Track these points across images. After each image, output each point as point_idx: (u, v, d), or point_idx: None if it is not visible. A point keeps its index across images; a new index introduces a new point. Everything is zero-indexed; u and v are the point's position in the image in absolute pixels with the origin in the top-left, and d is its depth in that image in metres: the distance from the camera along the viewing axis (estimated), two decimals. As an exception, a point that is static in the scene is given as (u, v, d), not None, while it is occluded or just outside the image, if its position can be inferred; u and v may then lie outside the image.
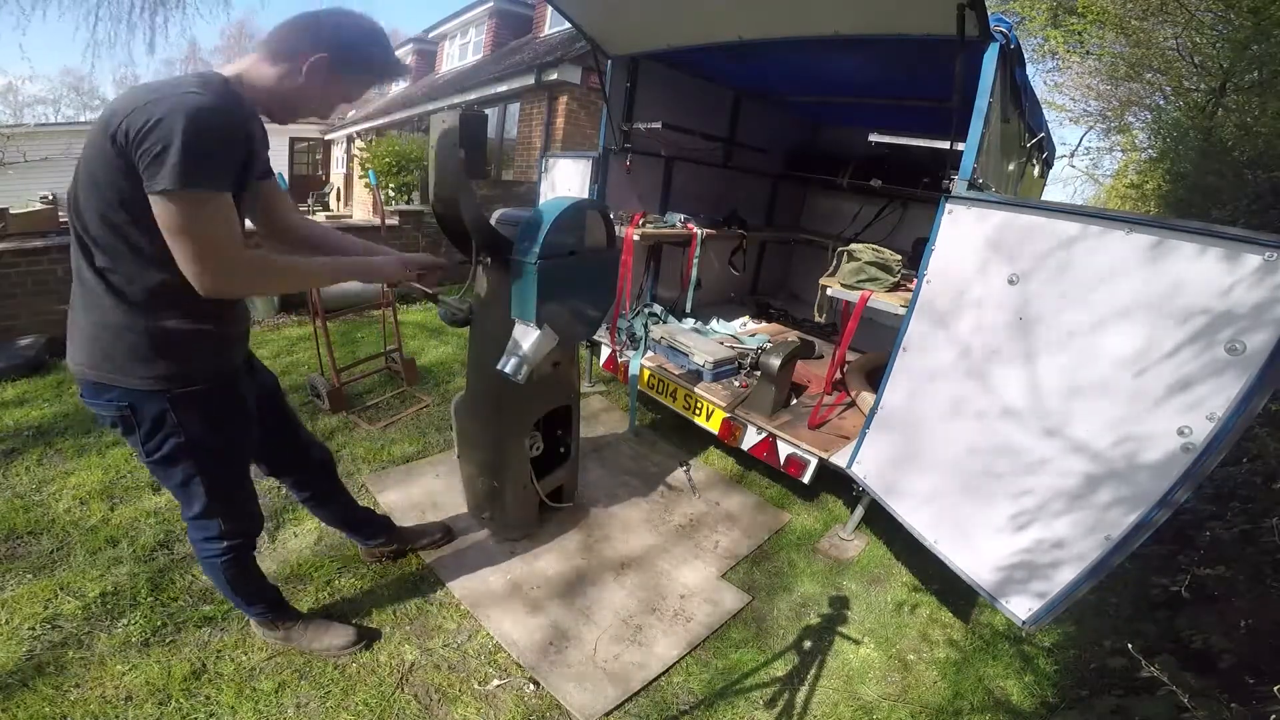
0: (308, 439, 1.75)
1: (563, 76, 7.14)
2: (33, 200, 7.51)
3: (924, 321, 1.99)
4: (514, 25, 11.81)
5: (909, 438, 2.06)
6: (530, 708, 1.66)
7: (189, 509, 1.41)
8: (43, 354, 3.55)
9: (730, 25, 2.56)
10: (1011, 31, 1.97)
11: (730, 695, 1.78)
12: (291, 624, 1.73)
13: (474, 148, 1.62)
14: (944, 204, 1.90)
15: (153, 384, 1.20)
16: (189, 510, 1.41)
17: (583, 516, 2.50)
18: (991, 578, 1.77)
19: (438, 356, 4.13)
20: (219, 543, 1.46)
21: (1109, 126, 8.74)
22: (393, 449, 2.85)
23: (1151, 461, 1.39)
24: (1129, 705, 1.60)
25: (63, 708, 1.50)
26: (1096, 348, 1.50)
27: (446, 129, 1.58)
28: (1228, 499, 2.23)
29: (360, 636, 1.77)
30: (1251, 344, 1.23)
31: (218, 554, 1.48)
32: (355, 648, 1.75)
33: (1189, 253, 1.33)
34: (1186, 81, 6.72)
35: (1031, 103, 2.85)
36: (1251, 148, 4.79)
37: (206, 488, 1.36)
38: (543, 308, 1.76)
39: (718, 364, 2.94)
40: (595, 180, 3.41)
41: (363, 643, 1.77)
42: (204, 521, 1.43)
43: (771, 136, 4.40)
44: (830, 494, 2.89)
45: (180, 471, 1.33)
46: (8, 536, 2.06)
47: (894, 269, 2.46)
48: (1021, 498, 1.69)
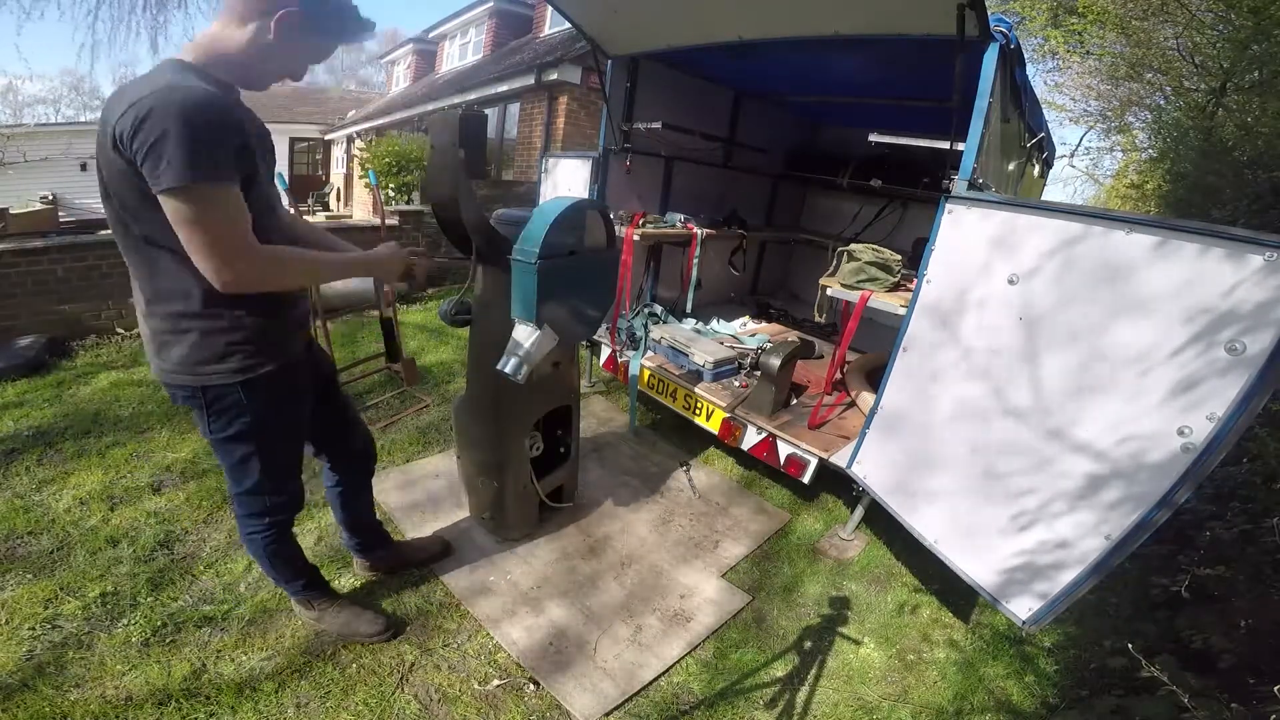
0: (354, 419, 1.81)
1: (563, 76, 7.13)
2: (33, 200, 7.51)
3: (924, 322, 1.99)
4: (514, 25, 11.80)
5: (909, 438, 2.06)
6: (530, 708, 1.66)
7: (239, 485, 1.46)
8: (43, 354, 3.55)
9: (730, 25, 2.56)
10: (1011, 31, 1.97)
11: (731, 695, 1.78)
12: (327, 605, 1.77)
13: (474, 147, 1.62)
14: (944, 204, 1.90)
15: (224, 378, 1.26)
16: (238, 486, 1.46)
17: (583, 517, 2.50)
18: (991, 578, 1.77)
19: (438, 357, 4.13)
20: (262, 519, 1.52)
21: (1109, 126, 8.72)
22: (393, 449, 2.85)
23: (1151, 461, 1.39)
24: (1129, 705, 1.60)
25: (63, 708, 1.50)
26: (1096, 348, 1.50)
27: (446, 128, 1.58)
28: (1228, 499, 2.23)
29: (389, 626, 1.80)
30: (1252, 344, 1.23)
31: (260, 530, 1.53)
32: (383, 636, 1.78)
33: (1189, 253, 1.33)
34: (1186, 81, 6.72)
35: (1031, 103, 2.85)
36: (1251, 148, 4.78)
37: (261, 466, 1.41)
38: (543, 308, 1.76)
39: (718, 364, 2.93)
40: (595, 180, 3.41)
41: (390, 632, 1.80)
42: (251, 498, 1.48)
43: (771, 136, 4.40)
44: (830, 494, 2.89)
45: (240, 449, 1.38)
46: (8, 537, 2.07)
47: (894, 269, 2.46)
48: (1021, 497, 1.69)
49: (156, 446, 2.72)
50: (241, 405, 1.30)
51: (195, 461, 2.62)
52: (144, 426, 2.88)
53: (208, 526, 2.21)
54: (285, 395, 1.39)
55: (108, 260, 4.02)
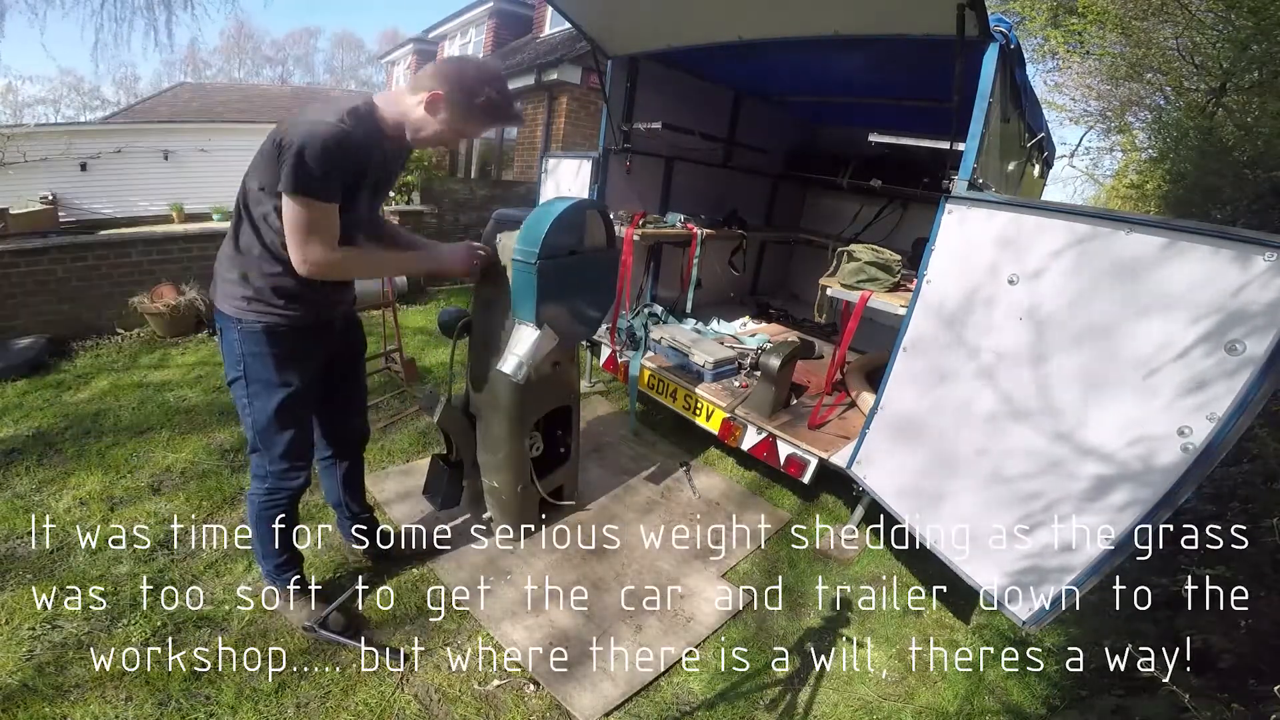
0: (360, 407, 1.93)
1: (563, 76, 7.14)
2: (32, 200, 7.49)
3: (924, 322, 1.99)
4: (514, 25, 11.80)
5: (910, 438, 2.06)
6: (530, 708, 1.66)
7: (249, 441, 1.61)
8: (43, 354, 3.55)
9: (730, 25, 2.56)
10: (1011, 31, 1.97)
11: (731, 696, 1.77)
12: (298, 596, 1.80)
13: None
14: (944, 204, 1.90)
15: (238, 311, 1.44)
16: (249, 443, 1.62)
17: (583, 517, 2.50)
18: (992, 578, 1.77)
19: (438, 357, 4.13)
20: (260, 482, 1.64)
21: (1109, 126, 8.72)
22: (392, 449, 2.85)
23: (1151, 461, 1.39)
24: (1129, 705, 1.60)
25: (63, 708, 1.50)
26: (1096, 348, 1.50)
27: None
28: (1228, 499, 2.23)
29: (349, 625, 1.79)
30: (1252, 344, 1.23)
31: (255, 492, 1.66)
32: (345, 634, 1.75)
33: (1189, 253, 1.33)
34: (1186, 81, 6.71)
35: (1031, 103, 2.85)
36: (1251, 148, 4.78)
37: (251, 421, 1.55)
38: (543, 308, 1.76)
39: (718, 364, 2.93)
40: (595, 180, 3.41)
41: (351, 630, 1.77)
42: (254, 457, 1.63)
43: (771, 136, 4.40)
44: (830, 494, 2.89)
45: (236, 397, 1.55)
46: (8, 537, 2.07)
47: (894, 269, 2.45)
48: (1021, 497, 1.68)
49: (156, 447, 2.72)
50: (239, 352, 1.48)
51: (195, 462, 2.62)
52: (144, 427, 2.88)
53: (208, 526, 2.21)
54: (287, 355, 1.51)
55: (108, 260, 4.02)
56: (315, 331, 1.56)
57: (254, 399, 1.53)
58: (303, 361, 1.56)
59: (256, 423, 1.56)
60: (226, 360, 1.54)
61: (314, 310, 1.53)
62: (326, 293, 1.54)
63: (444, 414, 1.99)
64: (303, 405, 1.61)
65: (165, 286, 4.16)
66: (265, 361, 1.49)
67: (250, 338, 1.47)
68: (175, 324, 4.13)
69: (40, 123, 14.77)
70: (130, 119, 10.37)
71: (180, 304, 4.11)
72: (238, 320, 1.46)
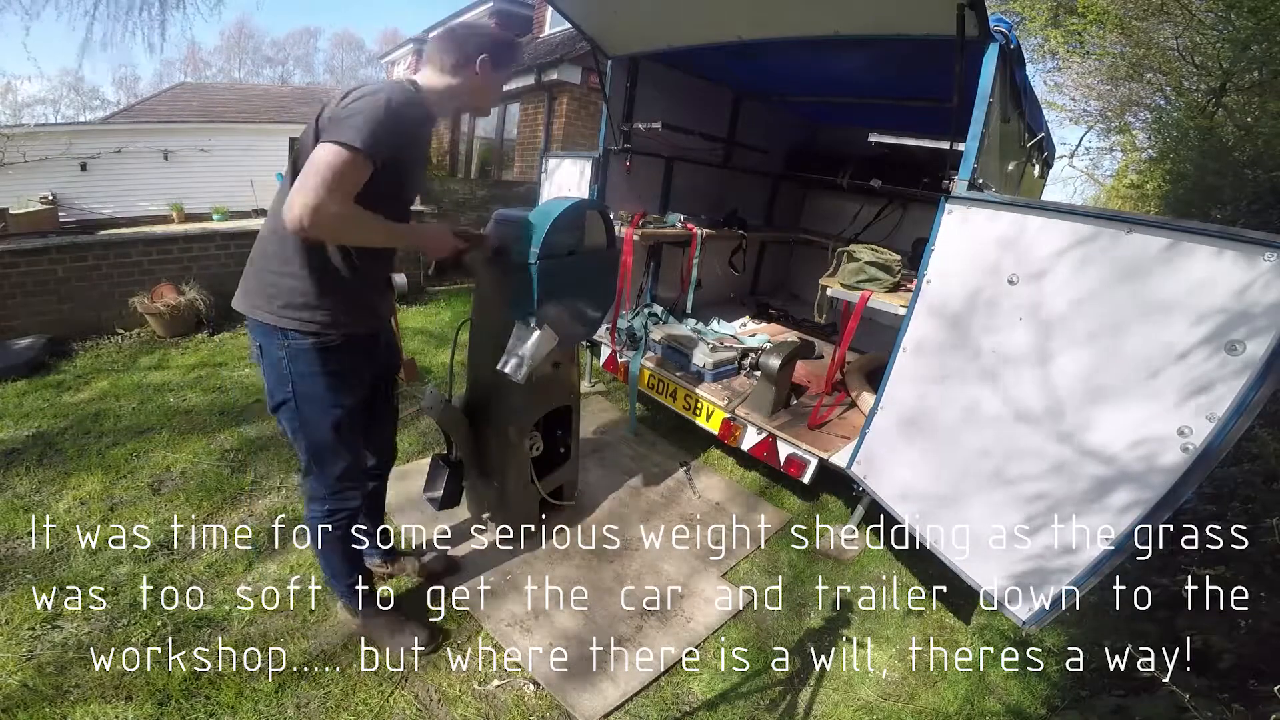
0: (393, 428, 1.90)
1: (563, 76, 7.14)
2: (32, 200, 7.49)
3: (924, 322, 1.99)
4: (514, 25, 11.79)
5: (910, 438, 2.06)
6: (530, 708, 1.66)
7: (302, 466, 1.58)
8: (42, 354, 3.55)
9: (730, 25, 2.56)
10: (1011, 32, 1.97)
11: (731, 696, 1.77)
12: (370, 616, 1.78)
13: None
14: (944, 204, 1.90)
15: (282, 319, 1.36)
16: (302, 468, 1.60)
17: (583, 517, 2.50)
18: (992, 578, 1.77)
19: (438, 357, 4.13)
20: (320, 505, 1.60)
21: (1109, 126, 8.71)
22: (393, 449, 2.85)
23: (1152, 462, 1.39)
24: (1129, 705, 1.60)
25: (62, 709, 1.50)
26: (1096, 348, 1.50)
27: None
28: (1228, 499, 2.22)
29: (433, 636, 1.80)
30: (1252, 345, 1.23)
31: (314, 516, 1.61)
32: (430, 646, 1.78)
33: (1190, 254, 1.33)
34: (1186, 81, 6.71)
35: (1031, 103, 2.85)
36: (1251, 148, 4.78)
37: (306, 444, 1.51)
38: (542, 308, 1.76)
39: (718, 364, 2.93)
40: (595, 180, 3.41)
41: (436, 643, 1.80)
42: (308, 481, 1.59)
43: (771, 136, 4.40)
44: (830, 494, 2.89)
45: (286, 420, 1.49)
46: (8, 537, 2.07)
47: (894, 269, 2.45)
48: (1020, 497, 1.68)
49: (156, 447, 2.71)
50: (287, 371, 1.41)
51: (195, 462, 2.62)
52: (144, 427, 2.88)
53: (208, 527, 2.21)
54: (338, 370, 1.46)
55: (108, 260, 4.02)
56: (365, 347, 1.52)
57: (306, 423, 1.47)
58: (354, 378, 1.52)
59: (312, 446, 1.51)
60: (270, 380, 1.45)
61: (366, 319, 1.49)
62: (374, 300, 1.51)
63: (444, 413, 1.99)
64: (357, 423, 1.57)
65: (165, 286, 4.16)
66: (316, 382, 1.43)
67: (300, 356, 1.39)
68: (175, 324, 4.13)
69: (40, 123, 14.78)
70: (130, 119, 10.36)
71: (180, 304, 4.10)
72: (283, 334, 1.37)
